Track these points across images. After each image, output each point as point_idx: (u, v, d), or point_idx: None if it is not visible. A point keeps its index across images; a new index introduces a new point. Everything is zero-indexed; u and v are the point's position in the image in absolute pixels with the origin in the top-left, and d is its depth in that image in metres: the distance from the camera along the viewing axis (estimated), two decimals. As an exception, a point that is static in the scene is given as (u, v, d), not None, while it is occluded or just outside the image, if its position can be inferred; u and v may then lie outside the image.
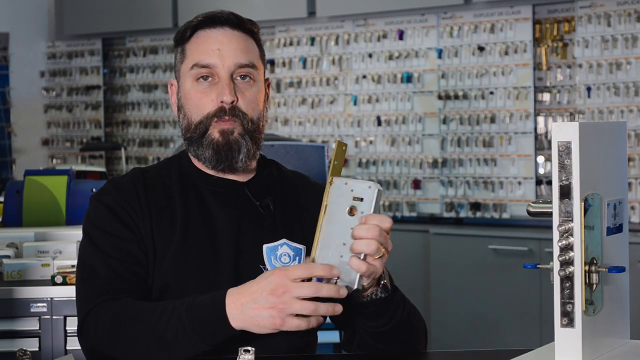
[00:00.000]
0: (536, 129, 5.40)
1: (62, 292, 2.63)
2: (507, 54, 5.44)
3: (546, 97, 5.39)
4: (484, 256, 5.25)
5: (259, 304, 1.66)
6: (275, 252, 1.89)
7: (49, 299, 2.64)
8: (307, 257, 1.72)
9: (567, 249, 1.50)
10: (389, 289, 1.78)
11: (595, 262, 1.52)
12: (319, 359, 2.03)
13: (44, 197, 3.37)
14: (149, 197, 1.89)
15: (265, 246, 1.89)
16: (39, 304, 2.63)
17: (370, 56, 5.94)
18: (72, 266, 2.70)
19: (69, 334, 2.65)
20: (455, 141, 5.62)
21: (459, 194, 5.61)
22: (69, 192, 3.38)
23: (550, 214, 1.53)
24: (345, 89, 6.05)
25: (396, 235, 1.74)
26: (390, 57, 5.85)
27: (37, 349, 2.63)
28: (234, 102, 1.89)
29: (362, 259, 1.65)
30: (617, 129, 1.64)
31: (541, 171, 5.41)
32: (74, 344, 2.56)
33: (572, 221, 1.49)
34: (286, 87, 6.26)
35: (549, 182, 5.24)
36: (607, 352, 1.59)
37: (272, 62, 6.27)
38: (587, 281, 1.51)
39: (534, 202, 1.63)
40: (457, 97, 5.60)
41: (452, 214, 5.64)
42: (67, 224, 3.33)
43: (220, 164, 1.91)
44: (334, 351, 3.08)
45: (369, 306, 1.78)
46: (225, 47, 1.90)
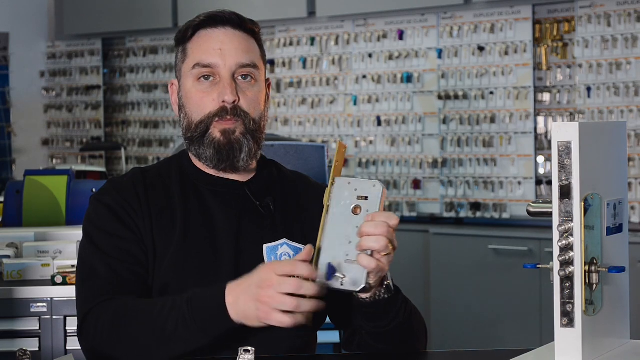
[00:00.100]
0: (536, 129, 5.40)
1: (62, 292, 2.63)
2: (507, 54, 5.43)
3: (546, 97, 5.39)
4: (484, 256, 5.25)
5: (248, 295, 1.66)
6: (275, 252, 1.89)
7: (49, 299, 2.64)
8: (307, 247, 1.70)
9: (567, 249, 1.50)
10: (392, 289, 1.78)
11: (595, 262, 1.52)
12: (319, 359, 2.03)
13: (44, 197, 3.37)
14: (149, 197, 1.89)
15: (265, 246, 1.89)
16: (39, 304, 2.63)
17: (370, 56, 5.94)
18: (72, 266, 2.70)
19: (69, 334, 2.65)
20: (455, 141, 5.62)
21: (459, 194, 5.61)
22: (69, 192, 3.38)
23: (550, 214, 1.53)
24: (345, 89, 6.05)
25: (396, 235, 1.74)
26: (390, 57, 5.85)
27: (37, 349, 2.63)
28: (235, 101, 1.89)
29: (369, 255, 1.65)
30: (617, 129, 1.64)
31: (541, 171, 5.40)
32: (74, 344, 2.56)
33: (572, 221, 1.49)
34: (286, 87, 6.26)
35: (549, 182, 5.23)
36: (607, 352, 1.59)
37: (272, 62, 6.26)
38: (587, 281, 1.51)
39: (534, 202, 1.63)
40: (457, 97, 5.60)
41: (452, 214, 5.64)
42: (67, 224, 3.33)
43: (221, 164, 1.91)
44: (334, 351, 3.08)
45: (372, 307, 1.77)
46: (227, 46, 1.90)
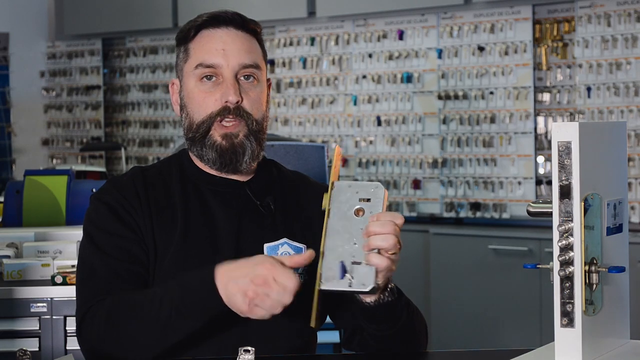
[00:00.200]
0: (536, 129, 5.40)
1: (62, 292, 2.63)
2: (507, 54, 5.43)
3: (546, 97, 5.39)
4: (484, 256, 5.25)
5: (239, 285, 1.66)
6: (276, 251, 1.89)
7: (49, 299, 2.64)
8: (309, 251, 1.71)
9: (567, 249, 1.50)
10: (395, 292, 1.78)
11: (595, 262, 1.52)
12: (319, 359, 2.03)
13: (44, 197, 3.37)
14: (149, 196, 1.89)
15: (266, 245, 1.89)
16: (39, 304, 2.63)
17: (370, 56, 5.93)
18: (72, 266, 2.69)
19: (69, 334, 2.65)
20: (455, 141, 5.61)
21: (459, 194, 5.61)
22: (69, 192, 3.38)
23: (550, 214, 1.53)
24: (345, 89, 6.04)
25: (397, 235, 1.73)
26: (390, 57, 5.85)
27: (37, 349, 2.62)
28: (239, 102, 1.89)
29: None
30: (617, 129, 1.64)
31: (541, 171, 5.40)
32: (74, 344, 2.55)
33: (572, 221, 1.49)
34: (286, 87, 6.26)
35: (549, 182, 5.23)
36: (607, 352, 1.59)
37: (272, 62, 6.26)
38: (587, 281, 1.51)
39: (534, 202, 1.63)
40: (457, 97, 5.60)
41: (452, 214, 5.64)
42: (67, 224, 3.33)
43: (224, 167, 1.91)
44: (334, 351, 3.08)
45: (376, 310, 1.77)
46: (229, 47, 1.90)
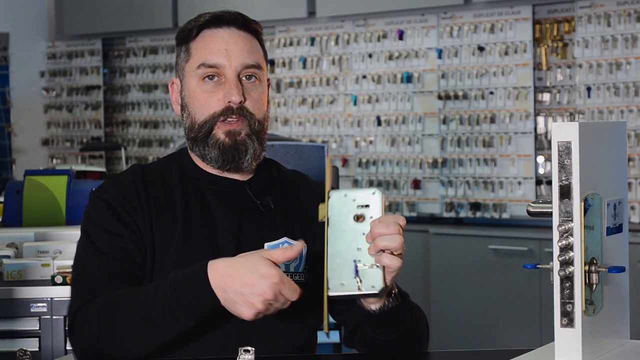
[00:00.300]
0: (536, 129, 5.40)
1: (62, 292, 2.62)
2: (507, 54, 5.43)
3: (546, 97, 5.39)
4: (484, 256, 5.25)
5: (245, 296, 1.64)
6: (276, 251, 1.88)
7: (49, 299, 2.64)
8: (299, 242, 1.71)
9: (567, 249, 1.49)
10: (399, 297, 1.77)
11: (595, 262, 1.52)
12: (319, 359, 2.03)
13: (44, 197, 3.37)
14: (149, 195, 1.89)
15: (266, 245, 1.88)
16: (39, 304, 2.63)
17: (370, 56, 5.93)
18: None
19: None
20: (455, 141, 5.61)
21: (459, 194, 5.61)
22: (69, 192, 3.38)
23: (550, 214, 1.53)
24: (345, 89, 6.04)
25: (397, 235, 1.73)
26: (390, 57, 5.85)
27: (37, 349, 2.62)
28: (241, 102, 1.89)
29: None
30: (617, 129, 1.64)
31: (541, 171, 5.40)
32: (74, 344, 2.56)
33: (572, 221, 1.49)
34: (286, 87, 6.26)
35: (549, 182, 5.23)
36: (607, 352, 1.59)
37: (272, 62, 6.26)
38: (587, 281, 1.51)
39: (534, 202, 1.63)
40: (457, 97, 5.60)
41: (452, 214, 5.64)
42: (67, 224, 3.33)
43: (226, 165, 1.91)
44: (334, 351, 3.09)
45: (382, 316, 1.76)
46: (232, 47, 1.90)
